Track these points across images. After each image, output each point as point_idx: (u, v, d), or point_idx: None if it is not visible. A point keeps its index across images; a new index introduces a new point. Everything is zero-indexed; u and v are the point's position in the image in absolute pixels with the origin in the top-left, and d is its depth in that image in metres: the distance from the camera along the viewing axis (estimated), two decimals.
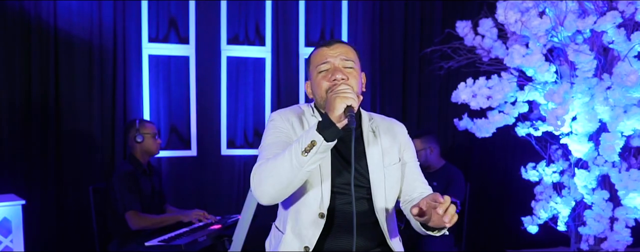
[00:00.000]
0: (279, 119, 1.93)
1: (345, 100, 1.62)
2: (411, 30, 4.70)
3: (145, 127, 3.43)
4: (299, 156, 1.62)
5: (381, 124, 2.00)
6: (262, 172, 1.71)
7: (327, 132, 1.61)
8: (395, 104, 4.70)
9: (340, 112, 1.61)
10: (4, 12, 3.79)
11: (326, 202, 1.84)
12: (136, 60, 4.16)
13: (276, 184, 1.68)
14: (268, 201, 1.74)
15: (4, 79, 3.82)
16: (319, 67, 1.85)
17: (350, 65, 1.85)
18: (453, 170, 3.78)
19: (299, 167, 1.63)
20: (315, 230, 1.83)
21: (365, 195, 1.90)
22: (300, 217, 1.86)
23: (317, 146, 1.61)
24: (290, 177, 1.66)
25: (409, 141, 2.06)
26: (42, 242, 3.85)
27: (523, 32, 3.18)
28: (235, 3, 4.37)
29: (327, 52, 1.87)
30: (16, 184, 3.81)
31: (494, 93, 3.27)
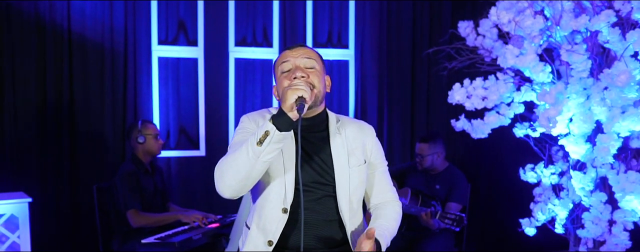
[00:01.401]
0: (247, 120, 2.01)
1: (296, 92, 1.69)
2: (420, 30, 4.69)
3: (147, 128, 3.53)
4: (254, 147, 1.68)
5: (348, 125, 2.05)
6: (223, 165, 1.78)
7: (279, 121, 1.67)
8: (404, 105, 4.70)
9: (291, 102, 1.67)
10: (21, 17, 3.95)
11: (289, 198, 1.90)
12: (146, 63, 4.28)
13: (235, 176, 1.75)
14: (230, 194, 1.80)
15: (22, 81, 3.98)
16: (281, 66, 1.93)
17: (311, 65, 1.92)
18: (456, 173, 3.77)
19: (255, 157, 1.69)
20: (279, 225, 1.90)
21: (330, 193, 1.95)
22: (264, 213, 1.93)
23: (270, 136, 1.67)
24: (248, 168, 1.72)
25: (376, 144, 2.10)
26: (49, 238, 3.99)
27: (517, 32, 3.14)
28: (242, 5, 4.45)
29: (288, 53, 1.95)
30: (30, 183, 3.96)
31: (489, 94, 3.25)
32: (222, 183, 1.79)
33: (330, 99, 4.67)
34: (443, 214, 3.30)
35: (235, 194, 1.81)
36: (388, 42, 4.65)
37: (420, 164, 3.74)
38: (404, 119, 4.69)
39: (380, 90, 4.66)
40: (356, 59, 4.65)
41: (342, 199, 1.94)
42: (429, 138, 3.77)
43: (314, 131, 1.96)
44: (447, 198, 3.65)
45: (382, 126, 4.68)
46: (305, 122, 1.88)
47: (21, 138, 4.00)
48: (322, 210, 1.94)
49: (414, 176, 3.86)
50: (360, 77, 4.64)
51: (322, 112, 2.00)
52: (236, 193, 1.81)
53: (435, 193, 3.69)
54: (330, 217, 1.95)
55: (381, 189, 2.10)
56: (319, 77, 1.91)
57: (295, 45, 1.98)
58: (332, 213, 1.95)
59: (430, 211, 3.36)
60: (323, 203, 1.94)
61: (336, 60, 4.68)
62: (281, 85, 1.90)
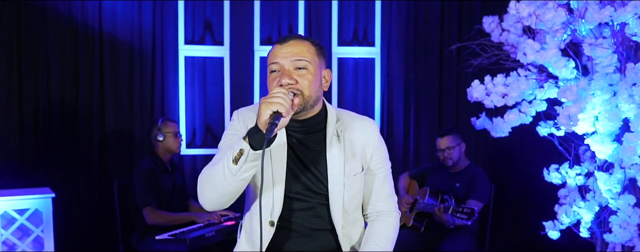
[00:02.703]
0: (236, 119, 1.88)
1: (270, 106, 1.55)
2: (448, 27, 4.57)
3: (167, 126, 3.57)
4: (230, 165, 1.58)
5: (349, 125, 1.88)
6: (203, 178, 1.69)
7: (253, 140, 1.55)
8: (431, 104, 4.59)
9: (265, 118, 1.54)
10: (56, 18, 4.09)
11: (277, 210, 1.80)
12: (173, 62, 4.35)
13: (214, 192, 1.66)
14: (211, 208, 1.72)
15: (56, 80, 4.12)
16: (270, 66, 1.78)
17: (302, 65, 1.73)
18: (477, 171, 3.65)
19: (232, 176, 1.59)
20: (265, 238, 1.79)
21: (323, 201, 1.84)
22: (252, 224, 1.85)
23: (245, 155, 1.55)
24: (226, 186, 1.62)
25: (379, 145, 1.93)
26: (73, 233, 4.10)
27: (538, 26, 3.01)
28: (268, 4, 4.46)
29: (278, 51, 1.76)
30: (60, 179, 4.10)
31: (510, 91, 3.12)
32: (202, 197, 1.71)
33: (355, 97, 4.63)
34: (455, 209, 3.20)
35: (215, 208, 1.72)
36: (415, 39, 4.55)
37: (450, 159, 3.61)
38: (431, 118, 4.58)
39: (407, 89, 4.57)
40: (382, 56, 4.57)
41: (335, 208, 1.82)
42: (449, 130, 3.68)
43: (309, 132, 1.83)
44: (467, 196, 3.53)
45: (409, 125, 4.59)
46: (299, 124, 1.80)
47: (53, 136, 4.14)
48: (314, 219, 1.84)
49: (434, 176, 3.76)
50: (387, 75, 4.57)
51: (320, 112, 1.84)
52: (217, 207, 1.72)
53: (454, 191, 3.58)
54: (322, 226, 1.85)
55: (379, 197, 1.93)
56: (310, 79, 1.73)
57: (287, 38, 1.78)
58: (325, 223, 1.85)
59: (443, 207, 3.27)
60: (315, 212, 1.84)
61: (362, 58, 4.62)
62: (269, 85, 1.76)
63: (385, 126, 4.59)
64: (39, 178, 4.04)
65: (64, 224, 3.88)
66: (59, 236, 3.53)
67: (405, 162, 4.58)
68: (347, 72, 4.62)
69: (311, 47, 1.80)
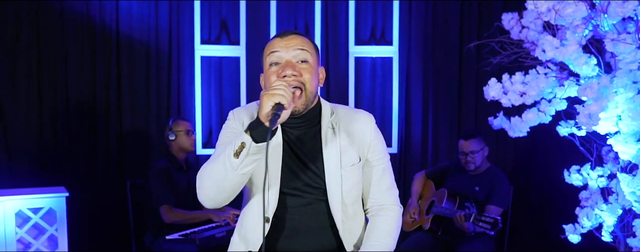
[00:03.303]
0: (232, 118, 1.86)
1: (272, 98, 1.52)
2: (467, 25, 4.47)
3: (178, 125, 3.57)
4: (231, 159, 1.55)
5: (344, 118, 1.86)
6: (202, 174, 1.67)
7: (255, 133, 1.53)
8: (451, 103, 4.49)
9: (268, 110, 1.51)
10: (74, 18, 4.12)
11: (273, 206, 1.76)
12: (189, 62, 4.35)
13: (214, 188, 1.63)
14: (210, 205, 1.69)
15: (74, 80, 4.16)
16: (270, 57, 1.73)
17: (304, 57, 1.72)
18: (498, 174, 3.54)
19: (233, 170, 1.56)
20: (260, 234, 1.76)
21: (321, 197, 1.80)
22: (245, 220, 1.82)
23: (246, 148, 1.53)
24: (226, 180, 1.59)
25: (376, 137, 1.88)
26: (87, 231, 4.13)
27: (558, 21, 2.90)
28: (284, 3, 4.42)
29: (279, 43, 1.74)
30: (77, 179, 4.14)
31: (528, 89, 3.01)
32: (201, 193, 1.68)
33: (372, 97, 4.56)
34: (477, 217, 3.09)
35: (215, 205, 1.69)
36: (434, 37, 4.47)
37: (473, 164, 3.51)
38: (451, 118, 4.49)
39: (426, 88, 4.48)
40: (400, 55, 4.50)
41: (334, 203, 1.78)
42: (474, 133, 3.56)
43: (305, 127, 1.80)
44: (487, 201, 3.42)
45: (428, 124, 4.50)
46: (296, 119, 1.77)
47: (71, 135, 4.17)
48: (313, 216, 1.80)
49: (453, 177, 3.66)
50: (405, 75, 4.49)
51: (315, 107, 1.81)
52: (216, 204, 1.69)
53: (474, 195, 3.48)
54: (321, 223, 1.81)
55: (379, 190, 1.88)
56: (311, 73, 1.72)
57: (286, 32, 1.76)
58: (324, 219, 1.81)
59: (464, 214, 3.16)
60: (313, 208, 1.80)
61: (379, 58, 4.55)
62: (268, 79, 1.72)
63: (403, 126, 4.51)
64: (57, 177, 4.08)
65: (79, 223, 3.90)
66: (73, 235, 3.55)
67: (423, 162, 4.49)
68: (365, 72, 4.55)
69: (310, 42, 1.79)
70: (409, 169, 4.46)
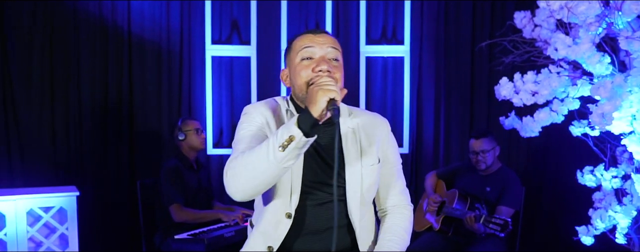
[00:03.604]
0: (253, 111, 1.84)
1: (327, 93, 1.52)
2: (480, 24, 4.42)
3: (187, 124, 3.57)
4: (275, 151, 1.52)
5: (363, 120, 1.87)
6: (237, 166, 1.62)
7: (306, 127, 1.52)
8: (463, 103, 4.45)
9: (323, 106, 1.51)
10: (87, 19, 4.16)
11: (294, 202, 1.75)
12: (200, 62, 4.36)
13: (251, 180, 1.59)
14: (241, 197, 1.65)
15: (86, 80, 4.19)
16: (302, 52, 1.73)
17: (335, 56, 1.73)
18: (509, 175, 3.49)
19: (276, 163, 1.54)
20: (281, 230, 1.75)
21: (340, 196, 1.79)
22: (267, 216, 1.79)
23: (295, 141, 1.51)
24: (266, 173, 1.57)
25: (392, 140, 1.92)
26: (98, 230, 4.15)
27: (571, 19, 2.85)
28: (295, 3, 4.41)
29: (313, 38, 1.74)
30: (90, 178, 4.17)
31: (540, 88, 2.96)
32: (234, 185, 1.62)
33: (383, 97, 4.53)
34: (487, 218, 3.05)
35: (245, 198, 1.65)
36: (446, 36, 4.43)
37: (483, 163, 3.48)
38: (462, 118, 4.44)
39: (438, 87, 4.45)
40: (412, 55, 4.46)
41: (353, 202, 1.78)
42: (485, 133, 3.53)
43: (325, 126, 1.76)
44: (498, 201, 3.38)
45: (439, 124, 4.46)
46: None
47: (84, 135, 4.20)
48: (330, 214, 1.78)
49: (464, 177, 3.62)
50: (417, 74, 4.46)
51: None
52: (248, 196, 1.65)
53: (485, 196, 3.44)
54: (339, 222, 1.79)
55: (394, 192, 1.92)
56: (341, 72, 1.73)
57: (318, 30, 1.78)
58: (341, 217, 1.79)
59: (475, 215, 3.13)
60: (330, 207, 1.78)
61: (391, 57, 4.52)
62: (299, 75, 1.72)
63: (415, 126, 4.48)
64: (68, 177, 4.11)
65: (90, 222, 3.92)
66: (84, 234, 3.56)
67: (435, 162, 4.45)
68: (376, 71, 4.52)
69: (338, 43, 1.80)
70: (420, 169, 4.43)
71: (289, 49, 1.81)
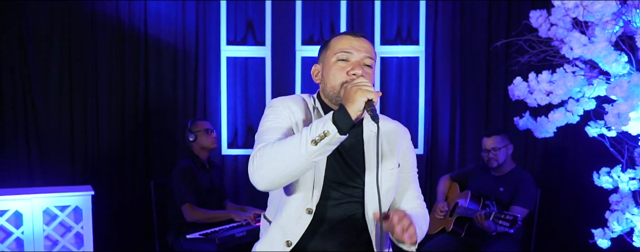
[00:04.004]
0: (280, 105, 1.85)
1: (366, 94, 1.55)
2: (496, 24, 4.37)
3: (196, 125, 3.59)
4: (308, 145, 1.55)
5: (384, 125, 1.88)
6: (266, 155, 1.62)
7: (342, 124, 1.54)
8: (478, 104, 4.40)
9: (361, 106, 1.54)
10: (104, 20, 4.21)
11: (316, 198, 1.76)
12: (215, 63, 4.38)
13: (278, 170, 1.60)
14: (265, 187, 1.65)
15: (104, 81, 4.25)
16: (340, 53, 1.76)
17: (370, 63, 1.79)
18: (523, 175, 3.44)
19: (307, 156, 1.56)
20: (301, 226, 1.77)
21: (358, 198, 1.81)
22: (287, 211, 1.79)
23: (329, 137, 1.54)
24: (295, 165, 1.58)
25: (411, 148, 1.95)
26: (112, 229, 4.20)
27: (586, 17, 2.80)
28: (309, 4, 4.41)
29: (353, 42, 1.78)
30: (107, 178, 4.22)
31: (555, 88, 2.92)
32: (260, 174, 1.62)
33: (398, 97, 4.51)
34: (497, 215, 3.03)
35: (270, 187, 1.67)
36: (461, 36, 4.38)
37: (495, 161, 3.44)
38: (478, 119, 4.39)
39: (453, 88, 4.40)
40: (427, 55, 4.43)
41: (370, 204, 1.80)
42: (498, 130, 3.50)
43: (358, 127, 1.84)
44: (511, 202, 3.33)
45: (455, 125, 4.42)
46: None
47: (101, 135, 4.25)
48: (348, 214, 1.81)
49: (477, 178, 3.58)
50: (431, 75, 4.42)
51: None
52: (272, 186, 1.67)
53: (498, 196, 3.39)
54: (355, 222, 1.82)
55: (411, 196, 1.94)
56: (372, 79, 1.80)
57: (358, 34, 1.82)
58: (357, 218, 1.82)
59: (485, 213, 3.09)
60: (349, 207, 1.81)
61: (406, 58, 4.49)
62: (334, 76, 1.76)
63: (430, 127, 4.44)
64: (85, 176, 4.17)
65: (105, 221, 3.97)
66: (99, 233, 3.60)
67: (450, 164, 4.41)
68: (391, 72, 4.50)
69: (374, 50, 1.84)
70: (435, 170, 4.39)
71: (326, 46, 1.84)
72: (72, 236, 3.40)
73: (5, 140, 4.15)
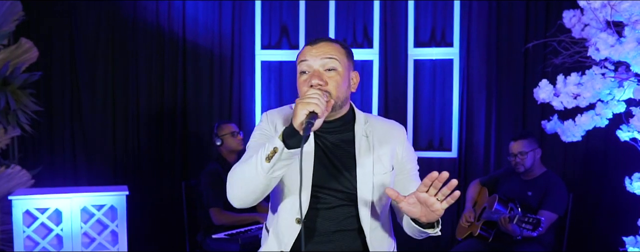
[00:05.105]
0: (265, 120, 1.91)
1: (307, 106, 1.55)
2: (533, 27, 4.24)
3: (222, 129, 3.67)
4: (263, 162, 1.60)
5: (378, 128, 1.88)
6: (234, 174, 1.71)
7: (288, 139, 1.57)
8: (515, 107, 4.29)
9: (302, 119, 1.54)
10: (144, 27, 4.39)
11: (304, 208, 1.78)
12: (250, 67, 4.47)
13: (244, 188, 1.68)
14: (239, 204, 1.73)
15: (144, 85, 4.43)
16: (300, 65, 1.79)
17: (332, 66, 1.74)
18: (554, 179, 3.34)
19: (263, 173, 1.61)
20: (291, 235, 1.80)
21: (351, 202, 1.81)
22: (280, 220, 1.85)
23: (278, 153, 1.57)
24: (255, 182, 1.64)
25: (408, 148, 1.91)
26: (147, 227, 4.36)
27: (615, 17, 2.70)
28: (343, 5, 4.43)
29: (311, 50, 1.78)
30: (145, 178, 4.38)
31: (583, 91, 2.82)
32: (231, 193, 1.72)
33: (432, 100, 4.46)
34: (521, 218, 2.95)
35: (243, 205, 1.73)
36: (497, 38, 4.28)
37: (522, 165, 3.36)
38: (514, 122, 4.28)
39: (488, 91, 4.31)
40: (461, 57, 4.36)
41: (363, 208, 1.80)
42: (525, 134, 3.42)
43: (338, 133, 1.83)
44: (539, 206, 3.24)
45: (490, 129, 4.32)
46: (328, 124, 1.79)
47: (141, 138, 4.42)
48: (341, 219, 1.81)
49: (506, 182, 3.50)
50: (466, 77, 4.34)
51: (348, 113, 1.85)
52: (245, 204, 1.73)
53: (526, 200, 3.31)
54: (349, 226, 1.82)
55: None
56: (339, 81, 1.74)
57: (317, 40, 1.81)
58: (352, 222, 1.82)
59: (508, 216, 3.03)
60: (343, 212, 1.81)
61: (439, 60, 4.44)
62: (299, 88, 1.78)
63: (464, 131, 4.36)
64: (125, 176, 4.35)
65: (141, 220, 4.12)
66: (136, 232, 3.75)
67: (485, 168, 4.31)
68: (424, 75, 4.46)
69: (340, 48, 1.80)
70: (469, 174, 4.30)
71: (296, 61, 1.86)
72: (108, 234, 3.55)
73: (55, 140, 4.39)
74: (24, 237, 3.39)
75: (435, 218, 1.59)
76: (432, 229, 1.68)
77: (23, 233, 3.38)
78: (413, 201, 1.58)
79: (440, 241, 4.20)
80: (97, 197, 3.52)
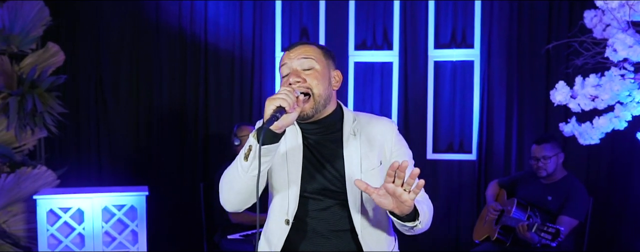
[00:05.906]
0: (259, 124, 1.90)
1: (273, 102, 1.58)
2: (556, 29, 4.16)
3: (242, 130, 3.71)
4: (242, 162, 1.64)
5: (366, 124, 1.87)
6: (223, 179, 1.77)
7: (259, 136, 1.58)
8: (537, 109, 4.21)
9: (270, 113, 1.57)
10: (168, 30, 4.47)
11: (292, 209, 1.80)
12: (270, 69, 4.50)
13: (231, 192, 1.73)
14: (230, 208, 1.79)
15: (167, 87, 4.51)
16: (280, 70, 1.82)
17: (309, 65, 1.77)
18: (575, 183, 3.27)
19: (244, 172, 1.64)
20: (280, 236, 1.82)
21: (341, 201, 1.81)
22: (269, 223, 1.88)
23: (253, 151, 1.60)
24: (239, 183, 1.67)
25: (398, 142, 1.88)
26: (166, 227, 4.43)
27: (634, 17, 2.63)
28: (363, 5, 4.43)
29: (286, 55, 1.82)
30: (166, 179, 4.46)
31: (601, 92, 2.75)
32: (222, 198, 1.78)
33: (452, 102, 4.42)
34: (540, 227, 2.89)
35: (234, 208, 1.78)
36: (519, 40, 4.22)
37: (544, 170, 3.30)
38: (536, 125, 4.20)
39: (509, 93, 4.25)
40: (482, 59, 4.31)
41: (354, 207, 1.80)
42: (548, 138, 3.35)
43: (325, 133, 1.83)
44: (559, 211, 3.18)
45: (511, 131, 4.25)
46: (315, 125, 1.81)
47: (163, 139, 4.50)
48: (332, 219, 1.82)
49: (526, 185, 3.44)
50: (487, 79, 4.29)
51: (335, 112, 1.84)
52: (235, 207, 1.78)
53: (546, 205, 3.24)
54: (341, 226, 1.82)
55: None
56: (317, 79, 1.75)
57: (294, 45, 1.85)
58: (344, 222, 1.82)
59: (527, 224, 2.97)
60: (333, 212, 1.82)
61: (460, 61, 4.40)
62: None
63: (485, 132, 4.30)
64: (148, 177, 4.42)
65: (161, 220, 4.20)
66: (156, 231, 3.82)
67: (506, 172, 4.25)
68: (444, 76, 4.42)
69: (317, 48, 1.83)
70: (489, 177, 4.23)
71: None
72: (129, 233, 3.63)
73: (80, 141, 4.51)
74: (47, 236, 3.49)
75: (407, 209, 1.57)
76: (412, 222, 1.64)
77: (47, 232, 3.48)
78: (383, 192, 1.57)
79: (459, 243, 4.16)
80: (117, 197, 3.61)
